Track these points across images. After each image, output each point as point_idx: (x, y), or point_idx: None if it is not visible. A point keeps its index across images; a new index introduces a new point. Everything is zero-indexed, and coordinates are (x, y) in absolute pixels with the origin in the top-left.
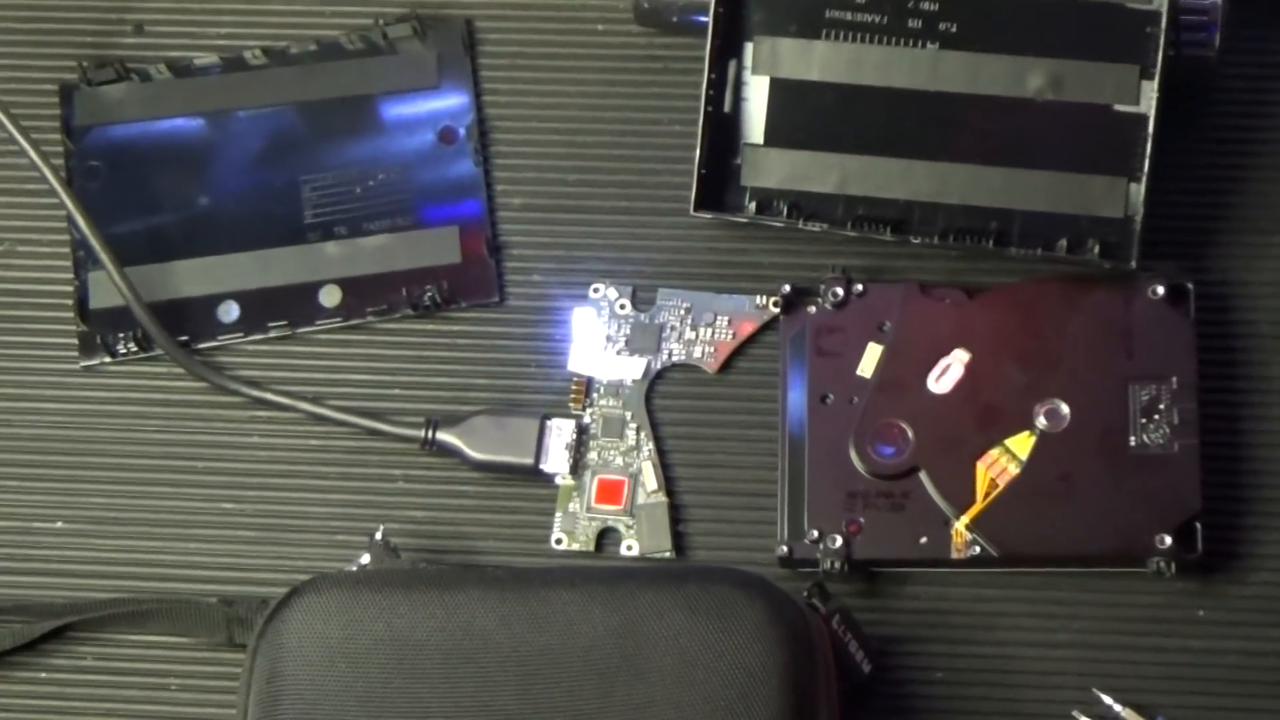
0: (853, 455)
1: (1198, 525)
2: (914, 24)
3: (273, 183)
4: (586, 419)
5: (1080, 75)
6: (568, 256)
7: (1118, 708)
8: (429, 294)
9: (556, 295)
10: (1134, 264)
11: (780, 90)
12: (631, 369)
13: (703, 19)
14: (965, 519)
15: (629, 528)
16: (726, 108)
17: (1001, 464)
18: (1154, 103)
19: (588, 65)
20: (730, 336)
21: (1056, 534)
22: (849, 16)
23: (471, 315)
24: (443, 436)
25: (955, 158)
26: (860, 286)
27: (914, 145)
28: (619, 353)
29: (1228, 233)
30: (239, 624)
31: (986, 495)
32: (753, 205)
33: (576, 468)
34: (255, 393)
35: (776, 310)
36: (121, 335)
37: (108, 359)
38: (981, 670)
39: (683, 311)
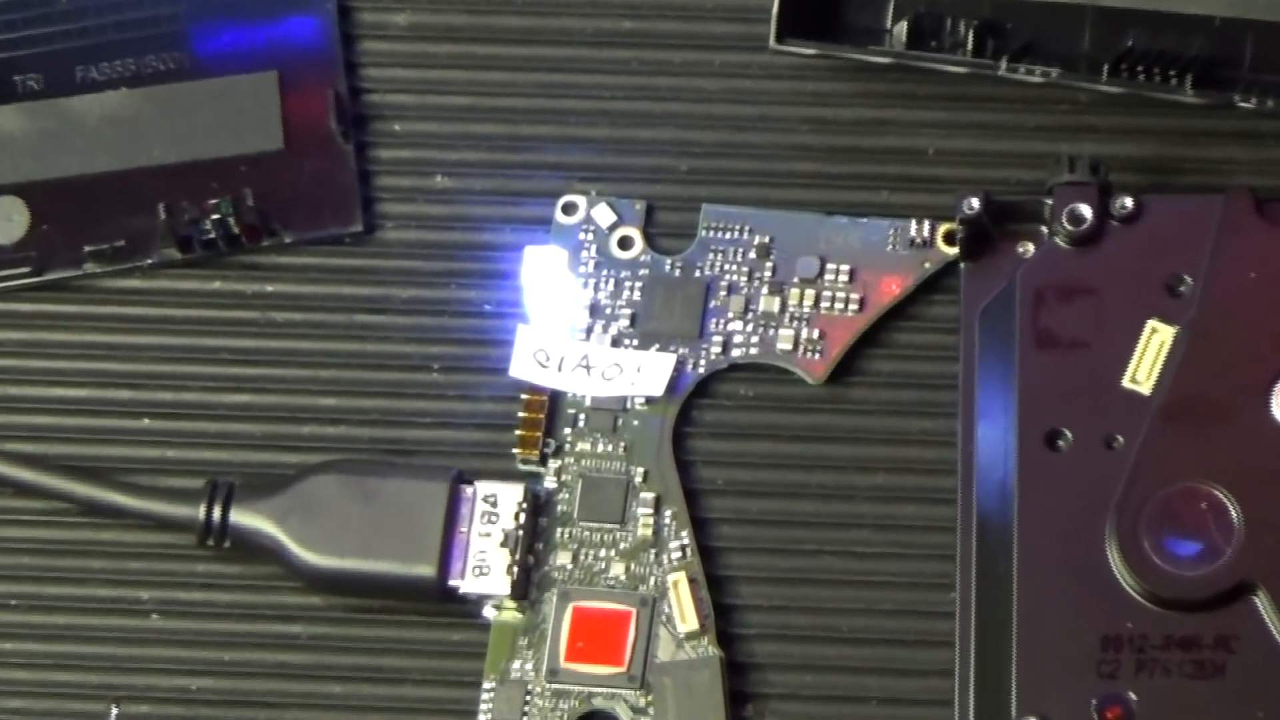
0: (1113, 558)
1: None
2: None
3: None
4: (549, 481)
5: None
6: (509, 137)
7: None
8: (216, 217)
9: (484, 218)
10: None
11: None
12: (645, 376)
13: None
14: None
15: (640, 712)
16: None
17: None
18: None
19: None
20: (854, 306)
21: None
22: None
23: (307, 260)
24: (244, 519)
25: None
26: (1129, 201)
27: None
28: (618, 342)
29: None
30: None
31: None
32: (900, 29)
33: (527, 586)
34: None
35: (952, 252)
36: None
37: None
38: None
39: (753, 254)
